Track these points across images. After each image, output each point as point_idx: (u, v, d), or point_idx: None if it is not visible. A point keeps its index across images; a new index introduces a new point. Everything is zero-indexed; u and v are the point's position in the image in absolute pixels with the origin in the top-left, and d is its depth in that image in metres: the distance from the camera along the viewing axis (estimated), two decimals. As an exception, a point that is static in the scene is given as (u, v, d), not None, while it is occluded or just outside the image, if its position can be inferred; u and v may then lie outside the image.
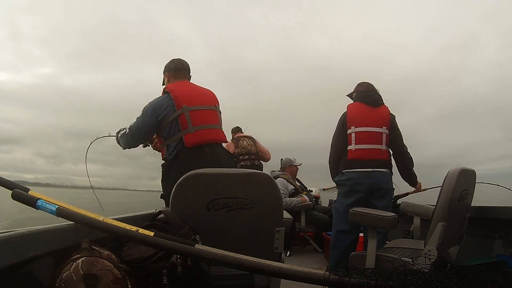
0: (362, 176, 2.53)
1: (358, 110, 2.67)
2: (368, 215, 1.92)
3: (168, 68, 2.19)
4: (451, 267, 0.96)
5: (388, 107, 2.68)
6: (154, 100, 2.01)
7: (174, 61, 2.20)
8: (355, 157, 2.57)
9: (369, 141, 2.56)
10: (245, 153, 4.08)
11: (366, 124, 2.58)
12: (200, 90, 2.13)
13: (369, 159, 2.54)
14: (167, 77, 2.20)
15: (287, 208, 3.73)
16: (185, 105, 1.95)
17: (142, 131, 2.02)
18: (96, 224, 1.06)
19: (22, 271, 0.93)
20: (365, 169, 2.53)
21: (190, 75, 2.22)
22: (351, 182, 2.57)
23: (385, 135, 2.57)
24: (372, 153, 2.55)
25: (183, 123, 1.95)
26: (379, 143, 2.56)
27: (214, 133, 2.04)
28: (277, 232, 1.40)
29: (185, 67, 2.19)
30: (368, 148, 2.55)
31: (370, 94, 2.69)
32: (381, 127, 2.57)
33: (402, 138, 2.65)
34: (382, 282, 0.83)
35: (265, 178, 1.41)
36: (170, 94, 1.98)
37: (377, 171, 2.53)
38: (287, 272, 0.93)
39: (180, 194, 1.32)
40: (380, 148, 2.56)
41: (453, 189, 1.74)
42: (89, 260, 0.97)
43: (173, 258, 1.09)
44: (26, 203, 1.11)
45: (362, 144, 2.56)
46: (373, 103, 2.64)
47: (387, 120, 2.59)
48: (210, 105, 2.08)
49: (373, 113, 2.61)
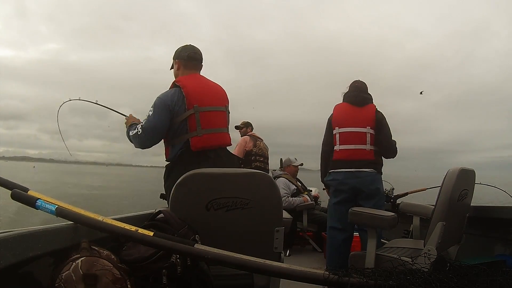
0: (347, 177, 2.56)
1: (342, 110, 2.70)
2: (368, 215, 1.92)
3: (179, 55, 2.02)
4: (450, 266, 0.96)
5: (375, 106, 2.65)
6: (164, 94, 1.87)
7: (186, 48, 2.02)
8: (339, 157, 2.61)
9: (353, 142, 2.58)
10: (261, 154, 4.19)
11: (349, 124, 2.61)
12: (213, 88, 2.00)
13: (353, 160, 2.56)
14: (177, 65, 2.02)
15: (290, 208, 3.74)
16: (196, 105, 1.83)
17: (157, 130, 1.85)
18: (96, 224, 1.06)
19: (21, 271, 0.93)
20: (350, 169, 2.56)
21: (202, 65, 2.05)
22: (336, 182, 2.62)
23: (369, 135, 2.56)
24: (356, 153, 2.56)
25: (192, 125, 1.83)
26: (363, 143, 2.56)
27: (221, 137, 1.94)
28: (277, 232, 1.41)
29: (198, 57, 2.02)
30: (352, 149, 2.58)
31: (355, 94, 2.69)
32: (365, 127, 2.57)
33: (389, 136, 2.60)
34: (382, 282, 0.83)
35: (264, 178, 1.40)
36: (182, 89, 1.85)
37: (361, 171, 2.53)
38: (287, 272, 0.93)
39: (179, 193, 1.32)
40: (365, 148, 2.56)
41: (453, 188, 1.74)
42: (89, 260, 0.97)
43: (172, 258, 1.09)
44: (25, 203, 1.11)
45: (346, 144, 2.60)
46: (358, 103, 2.66)
47: (372, 119, 2.58)
48: (220, 106, 1.97)
49: (357, 113, 2.63)
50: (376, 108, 2.64)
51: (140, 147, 1.93)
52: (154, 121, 1.82)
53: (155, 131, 1.85)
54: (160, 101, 1.84)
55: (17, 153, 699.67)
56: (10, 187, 1.16)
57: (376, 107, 2.66)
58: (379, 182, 2.60)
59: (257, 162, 4.11)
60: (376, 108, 2.65)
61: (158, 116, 1.82)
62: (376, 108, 2.65)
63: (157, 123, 1.82)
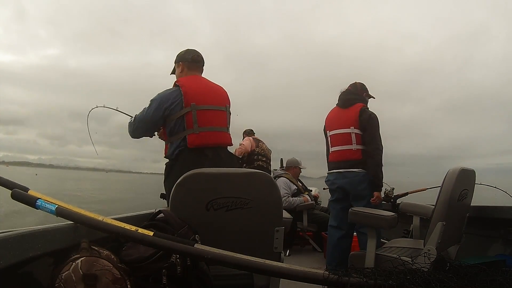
0: (336, 177, 2.66)
1: (331, 114, 2.82)
2: (367, 214, 1.92)
3: (183, 58, 2.10)
4: (450, 266, 0.96)
5: (361, 106, 2.64)
6: (163, 92, 1.95)
7: (189, 51, 2.11)
8: (331, 159, 2.73)
9: (340, 143, 2.65)
10: (264, 154, 4.35)
11: (335, 126, 2.70)
12: (213, 88, 2.05)
13: (340, 160, 2.64)
14: (181, 67, 2.10)
15: (290, 208, 3.76)
16: (194, 103, 1.89)
17: (146, 123, 1.95)
18: (96, 224, 1.06)
19: (21, 271, 0.93)
20: (339, 170, 2.64)
21: (203, 68, 2.14)
22: (329, 183, 2.76)
23: (354, 135, 2.58)
24: (343, 154, 2.62)
25: (189, 122, 1.89)
26: (349, 144, 2.60)
27: (219, 136, 1.97)
28: (277, 232, 1.40)
29: (200, 59, 2.11)
30: (340, 150, 2.66)
31: (342, 96, 2.77)
32: (349, 127, 2.61)
33: (375, 137, 2.55)
34: (381, 282, 0.83)
35: (264, 177, 1.40)
36: (180, 88, 1.92)
37: (349, 172, 2.57)
38: (287, 272, 0.93)
39: (179, 193, 1.32)
40: (351, 148, 2.59)
41: (453, 188, 1.74)
42: (89, 260, 0.97)
43: (172, 258, 1.09)
44: (25, 203, 1.11)
45: (335, 146, 2.69)
46: (343, 105, 2.73)
47: (355, 119, 2.59)
48: (220, 106, 2.01)
49: (342, 114, 2.70)
50: (362, 107, 2.62)
51: (131, 134, 2.05)
52: (146, 114, 1.93)
53: (144, 123, 1.96)
54: (157, 97, 1.93)
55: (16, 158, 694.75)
56: (10, 187, 1.17)
57: (365, 106, 2.66)
58: (368, 181, 2.54)
59: (260, 161, 4.23)
60: (364, 107, 2.63)
61: (151, 111, 1.92)
62: (364, 107, 2.63)
63: (148, 116, 1.93)
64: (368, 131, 2.55)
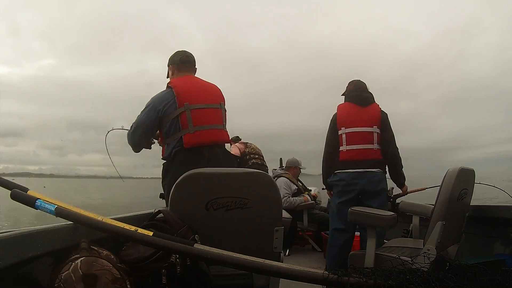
0: (354, 177, 2.55)
1: (347, 110, 2.68)
2: (367, 214, 1.92)
3: (172, 60, 2.12)
4: (450, 266, 0.96)
5: (379, 105, 2.66)
6: (156, 96, 1.97)
7: (178, 53, 2.12)
8: (346, 158, 2.59)
9: (360, 142, 2.57)
10: (255, 152, 4.21)
11: (356, 124, 2.59)
12: (205, 86, 2.06)
13: (360, 160, 2.55)
14: (171, 70, 2.13)
15: (291, 208, 3.75)
16: (187, 103, 1.90)
17: (143, 127, 1.98)
18: (95, 224, 1.06)
19: (20, 271, 0.93)
20: (357, 169, 2.54)
21: (195, 68, 2.15)
22: (343, 182, 2.59)
23: (376, 134, 2.57)
24: (364, 153, 2.56)
25: (184, 122, 1.90)
26: (370, 143, 2.56)
27: (215, 133, 1.98)
28: (276, 232, 1.40)
29: (190, 60, 2.12)
30: (359, 149, 2.57)
31: (358, 93, 2.68)
32: (372, 127, 2.57)
33: (394, 138, 2.61)
34: (381, 281, 0.83)
35: (264, 177, 1.40)
36: (173, 89, 1.93)
37: (368, 172, 2.53)
38: (286, 272, 0.93)
39: (179, 193, 1.32)
40: (372, 148, 2.56)
41: (452, 188, 1.74)
42: (88, 260, 0.97)
43: (172, 258, 1.09)
44: (25, 203, 1.11)
45: (353, 144, 2.58)
46: (362, 103, 2.64)
47: (378, 119, 2.58)
48: (214, 103, 2.01)
49: (363, 112, 2.62)
50: (379, 107, 2.64)
51: (131, 143, 2.07)
52: (142, 118, 1.97)
53: (141, 127, 1.99)
54: (151, 101, 1.97)
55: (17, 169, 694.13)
56: (10, 187, 1.17)
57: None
58: (384, 182, 2.61)
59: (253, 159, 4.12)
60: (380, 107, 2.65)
61: (146, 114, 1.95)
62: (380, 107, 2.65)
63: (145, 120, 1.96)
64: (387, 131, 2.58)
